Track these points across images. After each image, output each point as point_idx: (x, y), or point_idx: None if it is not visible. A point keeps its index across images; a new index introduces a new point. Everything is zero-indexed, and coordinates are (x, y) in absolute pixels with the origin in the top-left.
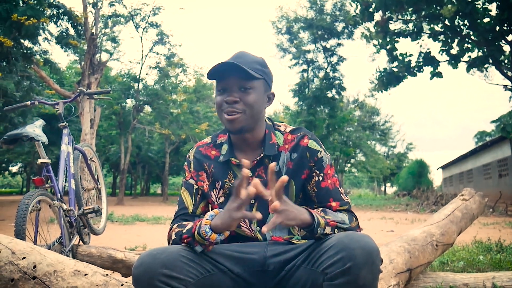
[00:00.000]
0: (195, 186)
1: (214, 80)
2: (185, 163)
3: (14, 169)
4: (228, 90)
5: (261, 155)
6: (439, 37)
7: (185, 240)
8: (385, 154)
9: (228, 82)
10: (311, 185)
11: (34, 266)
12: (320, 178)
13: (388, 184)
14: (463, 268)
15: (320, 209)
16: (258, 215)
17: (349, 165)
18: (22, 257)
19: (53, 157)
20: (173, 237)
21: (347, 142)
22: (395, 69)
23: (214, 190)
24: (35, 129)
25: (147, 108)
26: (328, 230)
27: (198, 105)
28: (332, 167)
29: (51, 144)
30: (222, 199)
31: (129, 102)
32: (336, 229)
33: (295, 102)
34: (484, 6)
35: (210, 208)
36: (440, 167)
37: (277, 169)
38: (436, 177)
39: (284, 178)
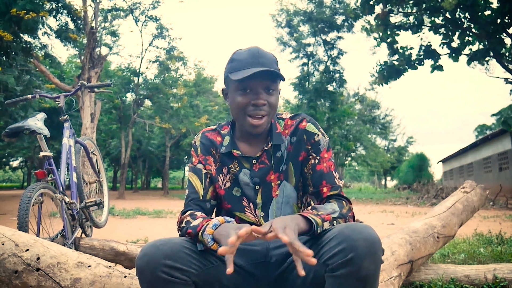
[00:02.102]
0: (204, 171)
1: (215, 74)
2: (192, 149)
3: (14, 163)
4: (253, 91)
5: (270, 145)
6: (440, 30)
7: (189, 235)
8: (386, 148)
9: (254, 83)
10: (308, 167)
11: (38, 258)
12: (316, 161)
13: (389, 178)
14: (464, 260)
15: (310, 207)
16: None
17: (349, 158)
18: (25, 249)
19: (53, 151)
20: (183, 224)
21: (348, 136)
22: (396, 62)
23: (221, 174)
24: (36, 122)
25: (147, 102)
26: (326, 225)
27: (198, 99)
28: (329, 151)
29: (51, 138)
30: (228, 184)
31: (129, 96)
32: (334, 221)
33: (296, 95)
34: None
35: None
36: (440, 161)
37: (279, 155)
38: (437, 171)
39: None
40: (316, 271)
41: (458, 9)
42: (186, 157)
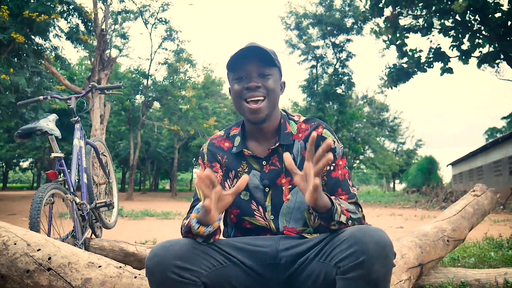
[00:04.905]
0: None
1: (223, 76)
2: (199, 156)
3: (25, 164)
4: (247, 77)
5: (276, 144)
6: (449, 32)
7: (187, 235)
8: (394, 151)
9: (247, 69)
10: (323, 174)
11: (49, 258)
12: (332, 168)
13: (397, 181)
14: (474, 264)
15: (333, 197)
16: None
17: (357, 161)
18: (37, 249)
19: (63, 152)
20: (183, 228)
21: (356, 139)
22: (405, 65)
23: (227, 180)
24: (48, 123)
25: (156, 104)
26: (343, 218)
27: (206, 101)
28: (344, 158)
29: (61, 139)
30: None
31: (138, 98)
32: (349, 221)
33: (304, 98)
34: (495, 1)
35: None
36: (449, 164)
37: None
38: (446, 174)
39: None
40: (327, 273)
41: (468, 12)
42: (194, 159)
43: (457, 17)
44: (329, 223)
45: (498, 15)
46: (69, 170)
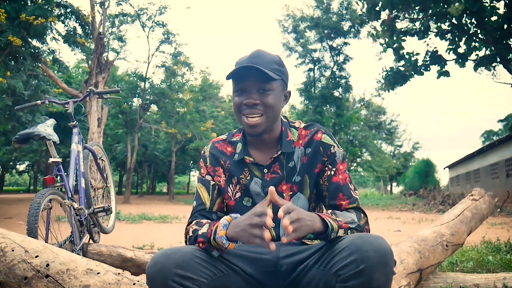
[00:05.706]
0: (212, 182)
1: (221, 80)
2: (201, 159)
3: (21, 167)
4: (247, 92)
5: (279, 153)
6: (446, 35)
7: (201, 245)
8: (391, 154)
9: (246, 83)
10: (323, 179)
11: (47, 265)
12: (332, 172)
13: (394, 184)
14: (472, 268)
15: (330, 211)
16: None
17: (355, 164)
18: (35, 256)
19: (59, 155)
20: (190, 234)
21: (353, 142)
22: (402, 68)
23: (230, 185)
24: (46, 128)
25: (154, 107)
26: (341, 232)
27: (204, 104)
28: (344, 162)
29: (58, 143)
30: (238, 195)
31: (136, 101)
32: (348, 231)
33: (301, 101)
34: (492, 4)
35: (225, 205)
36: (446, 167)
37: (292, 165)
38: (443, 177)
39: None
40: (327, 281)
41: (465, 15)
42: (191, 162)
43: (454, 20)
44: (327, 240)
45: (494, 18)
46: (66, 174)
